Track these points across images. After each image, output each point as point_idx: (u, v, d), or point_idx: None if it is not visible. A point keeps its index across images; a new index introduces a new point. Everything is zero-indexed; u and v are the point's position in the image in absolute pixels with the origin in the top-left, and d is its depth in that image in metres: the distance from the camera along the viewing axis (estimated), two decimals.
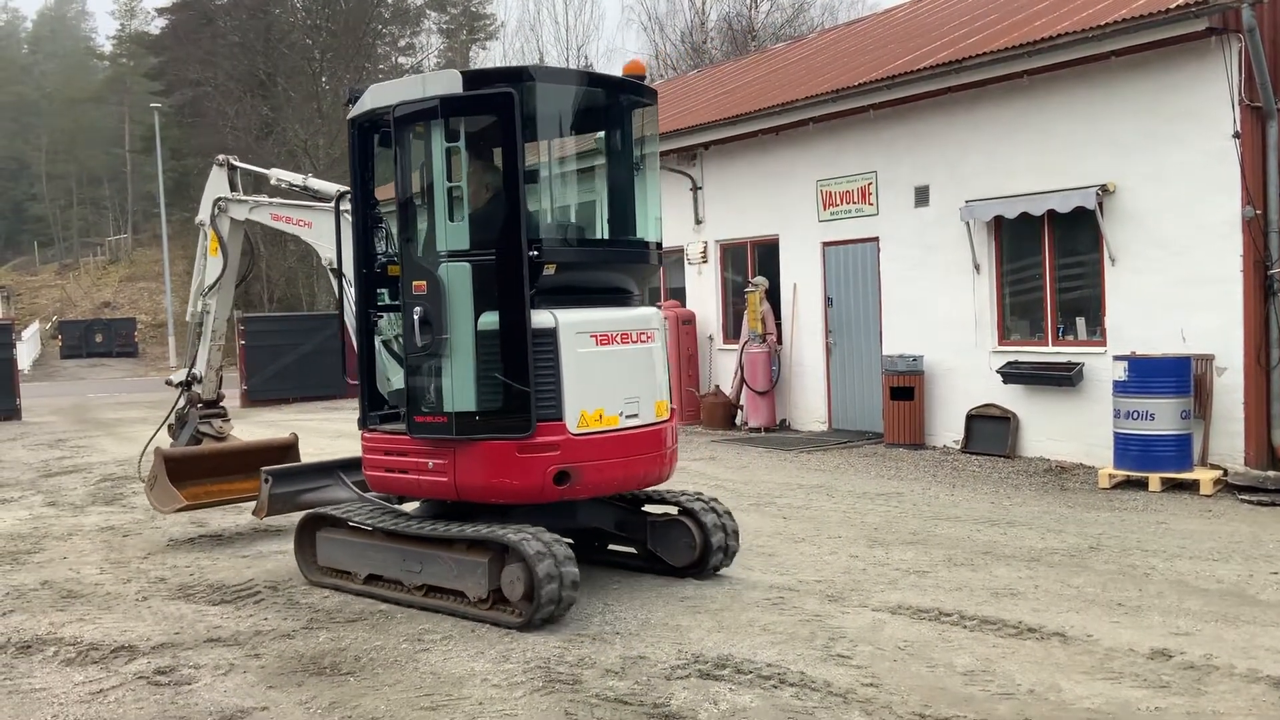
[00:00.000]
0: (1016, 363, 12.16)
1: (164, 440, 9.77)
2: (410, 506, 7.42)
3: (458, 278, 6.47)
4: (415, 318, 6.52)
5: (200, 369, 9.59)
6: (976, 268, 12.57)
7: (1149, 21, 10.21)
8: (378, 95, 6.92)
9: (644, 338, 6.95)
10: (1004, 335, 12.55)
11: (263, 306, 41.42)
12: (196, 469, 9.08)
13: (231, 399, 23.18)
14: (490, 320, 6.44)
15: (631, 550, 7.60)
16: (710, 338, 16.70)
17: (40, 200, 77.37)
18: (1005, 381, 12.18)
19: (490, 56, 61.15)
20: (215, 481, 9.10)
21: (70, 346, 47.67)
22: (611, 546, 7.75)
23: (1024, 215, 11.88)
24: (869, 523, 9.03)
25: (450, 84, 6.55)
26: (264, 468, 8.28)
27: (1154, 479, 10.15)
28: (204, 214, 9.42)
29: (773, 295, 15.37)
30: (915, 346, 13.29)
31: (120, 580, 7.75)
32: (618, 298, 7.07)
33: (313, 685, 5.41)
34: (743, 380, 15.46)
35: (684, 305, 16.93)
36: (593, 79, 7.91)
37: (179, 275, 42.31)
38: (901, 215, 13.51)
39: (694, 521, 7.12)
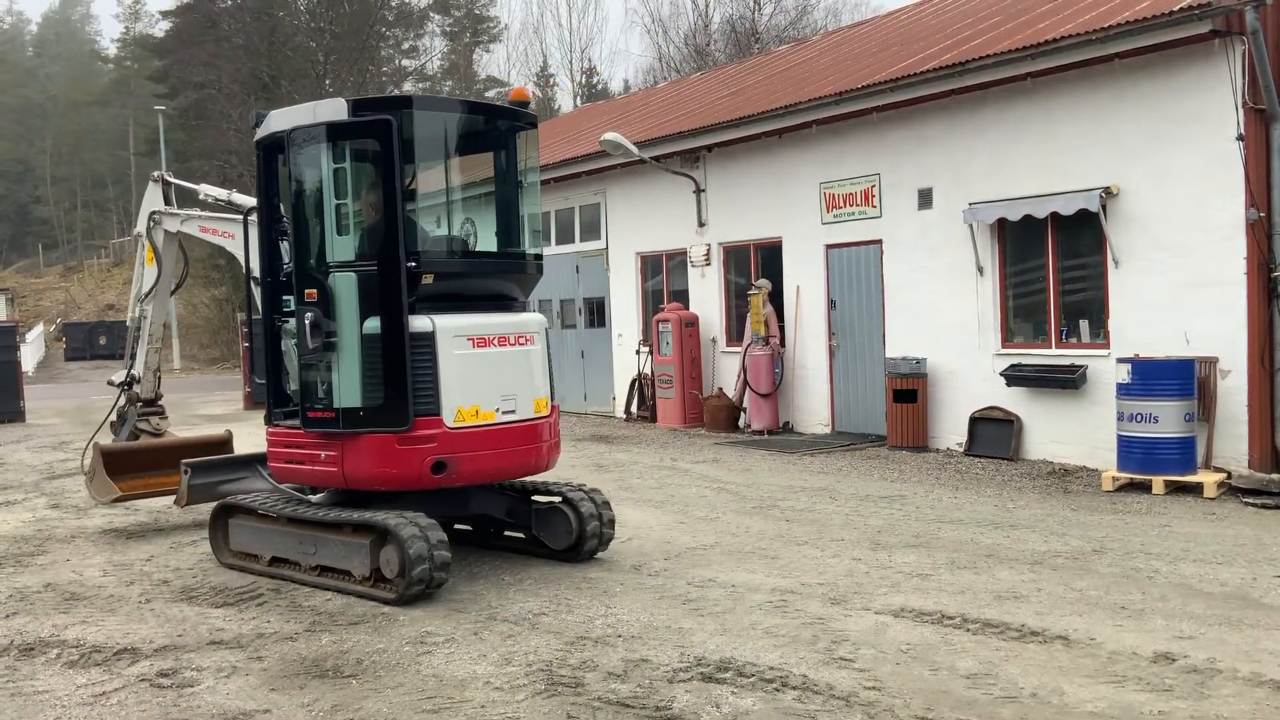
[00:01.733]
0: (1020, 365, 12.15)
1: (107, 436, 10.33)
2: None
3: (344, 286, 7.17)
4: (306, 322, 7.14)
5: (139, 370, 10.21)
6: (980, 270, 12.56)
7: (1152, 24, 10.21)
8: (278, 120, 7.60)
9: (522, 341, 7.60)
10: (1007, 338, 12.54)
11: None
12: (134, 463, 9.60)
13: (235, 401, 23.36)
14: (373, 325, 7.09)
15: (520, 535, 8.29)
16: (713, 340, 16.70)
17: (45, 203, 77.51)
18: (1008, 384, 12.16)
19: (494, 59, 61.35)
20: (152, 475, 9.59)
21: (74, 349, 47.70)
22: (507, 533, 8.44)
23: (1027, 218, 11.87)
24: (872, 525, 9.03)
25: (337, 111, 7.25)
26: (184, 460, 8.90)
27: (1158, 482, 10.14)
28: (140, 226, 10.07)
29: (776, 298, 15.37)
30: (918, 349, 13.29)
31: (123, 583, 7.75)
32: (501, 304, 7.72)
33: (315, 688, 5.41)
34: (746, 383, 15.45)
35: (687, 308, 16.93)
36: (472, 106, 8.95)
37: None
38: (905, 218, 13.51)
39: (572, 510, 7.78)
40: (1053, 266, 12.01)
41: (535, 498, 8.10)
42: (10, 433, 19.12)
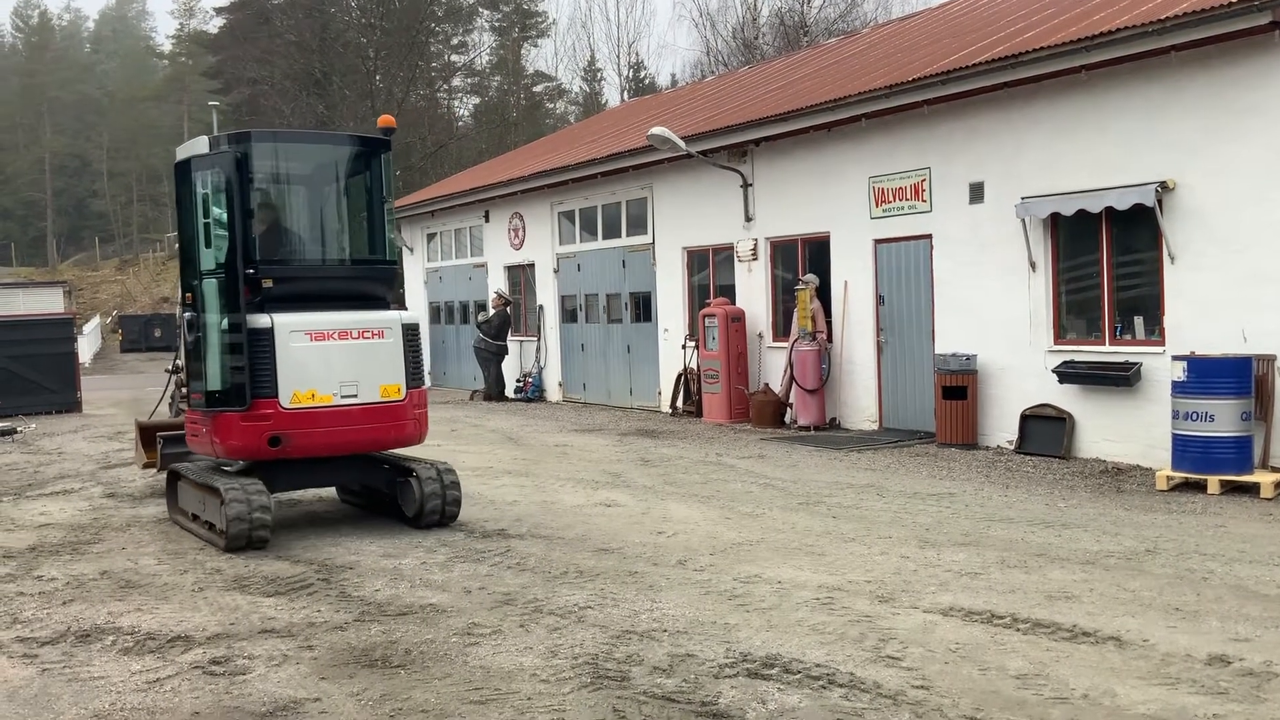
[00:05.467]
0: (1072, 362, 11.99)
1: (165, 413, 12.09)
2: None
3: (209, 290, 8.56)
4: (184, 320, 8.73)
5: (181, 360, 11.50)
6: (1032, 265, 12.41)
7: (1210, 15, 10.02)
8: (179, 153, 9.14)
9: (368, 335, 8.75)
10: (1060, 334, 12.38)
11: None
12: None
13: None
14: (225, 323, 8.43)
15: (398, 505, 9.39)
16: (760, 335, 16.65)
17: (101, 197, 79.01)
18: (1061, 381, 12.01)
19: (542, 54, 61.51)
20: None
21: (130, 340, 48.59)
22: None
23: (1081, 212, 11.71)
24: (920, 523, 8.95)
25: (201, 146, 8.82)
26: (159, 432, 10.59)
27: (1213, 481, 9.96)
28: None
29: (823, 293, 15.29)
30: (968, 345, 13.15)
31: (177, 571, 7.88)
32: (357, 303, 8.93)
33: (364, 677, 5.47)
34: (792, 378, 15.39)
35: (733, 303, 16.88)
36: (317, 137, 10.29)
37: None
38: (955, 212, 13.37)
39: (418, 484, 8.93)
40: (1107, 262, 11.83)
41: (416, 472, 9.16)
42: (67, 423, 19.50)
